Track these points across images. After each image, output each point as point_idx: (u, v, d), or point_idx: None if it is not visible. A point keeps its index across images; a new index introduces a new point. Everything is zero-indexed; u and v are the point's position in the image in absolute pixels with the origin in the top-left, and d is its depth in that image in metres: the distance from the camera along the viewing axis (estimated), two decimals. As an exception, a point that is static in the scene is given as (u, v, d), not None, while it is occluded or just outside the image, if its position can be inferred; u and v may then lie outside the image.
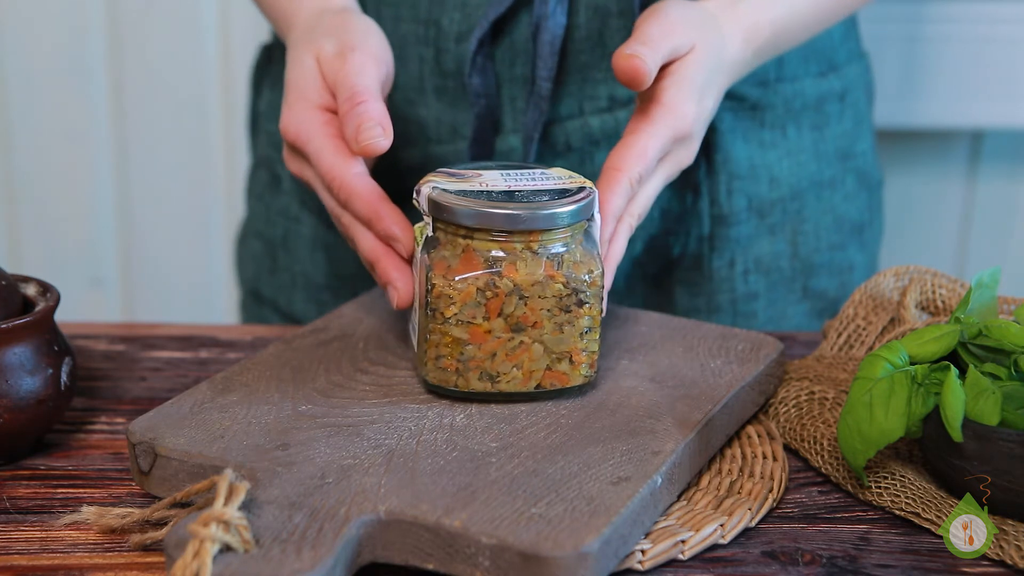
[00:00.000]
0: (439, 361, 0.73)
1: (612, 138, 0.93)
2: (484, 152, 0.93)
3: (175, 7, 1.39)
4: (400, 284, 0.75)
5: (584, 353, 0.74)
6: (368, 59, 0.79)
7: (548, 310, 0.72)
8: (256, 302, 1.11)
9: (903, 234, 1.42)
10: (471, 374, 0.73)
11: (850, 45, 1.03)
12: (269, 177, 1.08)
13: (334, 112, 0.79)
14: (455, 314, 0.72)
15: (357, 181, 0.76)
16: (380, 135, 0.75)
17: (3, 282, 0.75)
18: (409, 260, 0.76)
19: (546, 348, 0.73)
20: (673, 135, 0.79)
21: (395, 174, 0.94)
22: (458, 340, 0.72)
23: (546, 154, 0.94)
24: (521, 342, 0.72)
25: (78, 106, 1.42)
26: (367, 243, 0.77)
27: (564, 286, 0.72)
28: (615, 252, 0.78)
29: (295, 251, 1.05)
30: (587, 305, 0.73)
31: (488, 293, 0.71)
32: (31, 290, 0.78)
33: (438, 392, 0.74)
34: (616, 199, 0.76)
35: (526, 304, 0.72)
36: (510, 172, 0.75)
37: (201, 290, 1.47)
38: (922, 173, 1.41)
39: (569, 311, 0.72)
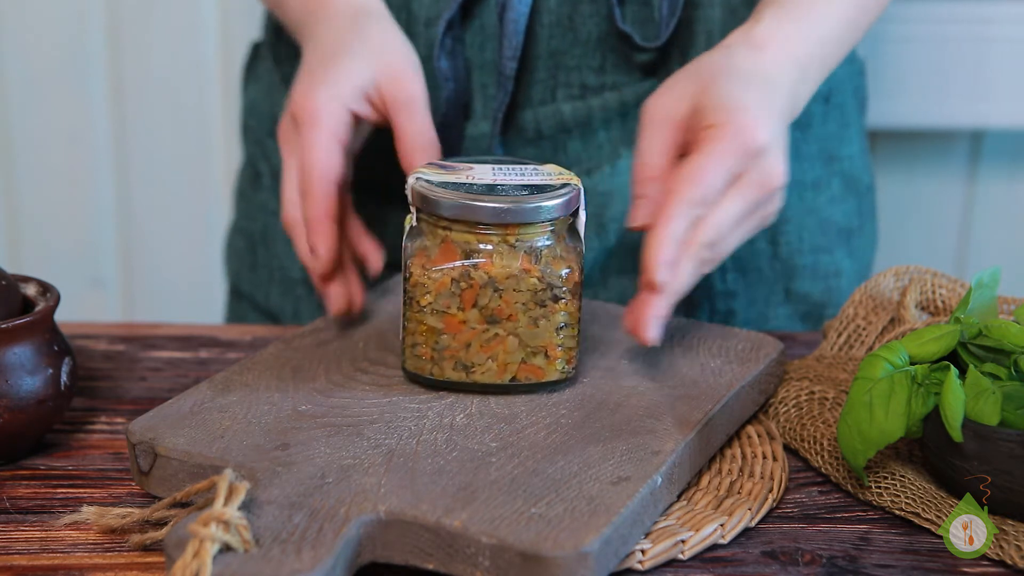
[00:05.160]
0: (415, 349, 0.74)
1: (584, 126, 0.93)
2: (453, 138, 0.93)
3: (175, 7, 1.39)
4: (333, 293, 0.81)
5: (560, 348, 0.74)
6: (423, 81, 0.83)
7: (523, 303, 0.73)
8: (236, 298, 1.12)
9: (903, 234, 1.42)
10: (446, 363, 0.74)
11: None
12: (252, 173, 1.09)
13: (357, 119, 0.83)
14: (430, 303, 0.72)
15: (325, 187, 0.80)
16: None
17: (3, 282, 0.75)
18: (324, 279, 0.81)
19: (521, 341, 0.73)
20: (738, 148, 0.73)
21: (371, 162, 0.94)
22: (433, 329, 0.73)
23: (516, 141, 0.94)
24: (496, 334, 0.73)
25: (78, 106, 1.42)
26: (301, 245, 0.82)
27: (539, 280, 0.72)
28: (677, 282, 0.73)
29: (273, 246, 1.06)
30: (563, 301, 0.73)
31: (463, 284, 0.72)
32: (31, 290, 0.78)
33: (415, 380, 0.75)
34: (671, 223, 0.72)
35: (501, 297, 0.72)
36: (501, 167, 0.76)
37: (201, 290, 1.47)
38: (922, 173, 1.41)
39: (544, 306, 0.73)
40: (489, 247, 0.72)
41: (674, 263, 0.72)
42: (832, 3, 0.86)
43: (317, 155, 0.80)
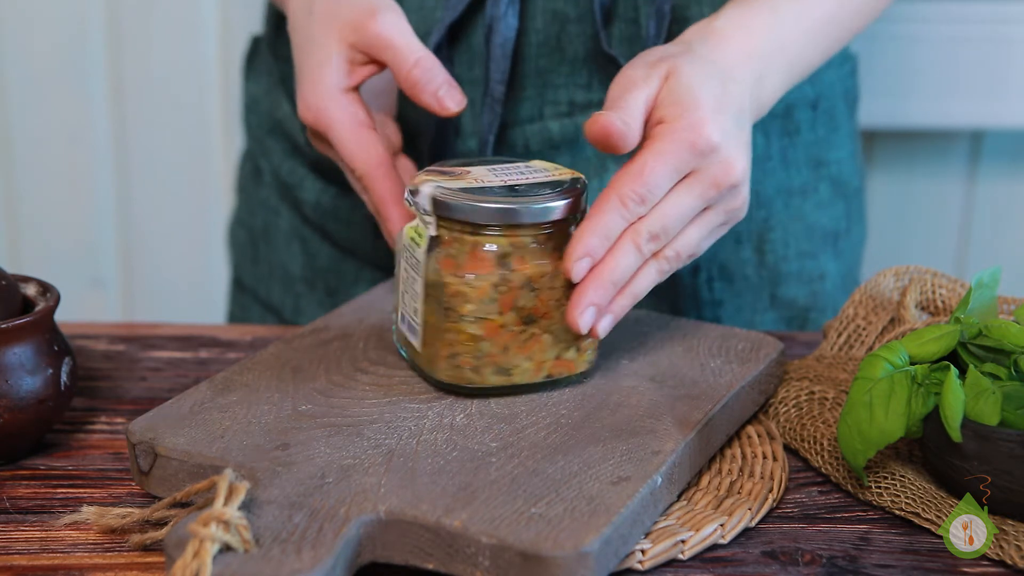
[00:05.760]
0: (455, 359, 0.73)
1: (572, 143, 0.93)
2: (442, 155, 0.93)
3: (175, 7, 1.39)
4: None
5: (588, 339, 0.74)
6: (396, 16, 0.82)
7: (557, 300, 0.72)
8: (239, 289, 1.13)
9: (903, 234, 1.42)
10: (487, 370, 0.73)
11: None
12: (253, 167, 1.09)
13: (354, 90, 0.83)
14: (471, 311, 0.72)
15: (373, 171, 0.81)
16: (459, 98, 0.80)
17: (3, 282, 0.75)
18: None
19: (555, 337, 0.73)
20: (684, 148, 0.72)
21: None
22: (474, 337, 0.72)
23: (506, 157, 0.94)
24: (532, 334, 0.73)
25: (78, 106, 1.42)
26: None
27: None
28: (615, 271, 0.71)
29: (274, 242, 1.06)
30: None
31: (502, 288, 0.71)
32: (31, 290, 0.78)
33: (451, 390, 0.74)
34: (602, 216, 0.71)
35: (537, 296, 0.72)
36: (496, 167, 0.76)
37: (201, 290, 1.47)
38: (922, 173, 1.41)
39: None
40: (521, 248, 0.72)
41: (595, 254, 0.71)
42: (800, 1, 0.84)
43: (351, 151, 0.81)
